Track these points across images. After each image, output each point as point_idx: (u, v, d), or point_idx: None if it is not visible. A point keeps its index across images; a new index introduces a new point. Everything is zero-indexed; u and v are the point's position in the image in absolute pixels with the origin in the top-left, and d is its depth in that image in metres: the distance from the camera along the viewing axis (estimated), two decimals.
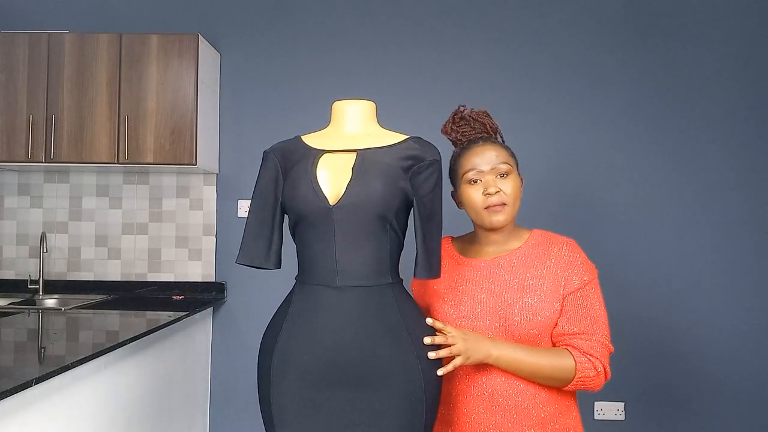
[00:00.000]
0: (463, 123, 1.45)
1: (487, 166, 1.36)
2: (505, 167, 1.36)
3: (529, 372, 1.29)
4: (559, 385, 1.31)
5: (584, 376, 1.29)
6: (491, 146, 1.39)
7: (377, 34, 3.06)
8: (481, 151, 1.38)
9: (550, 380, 1.30)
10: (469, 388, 1.35)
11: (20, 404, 1.52)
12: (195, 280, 3.07)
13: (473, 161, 1.38)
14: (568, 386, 1.31)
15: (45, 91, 2.77)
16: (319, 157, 1.33)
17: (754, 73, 2.94)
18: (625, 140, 2.96)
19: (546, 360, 1.29)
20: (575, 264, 1.36)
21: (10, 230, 3.13)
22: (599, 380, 1.31)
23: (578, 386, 1.31)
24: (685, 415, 2.90)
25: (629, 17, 2.99)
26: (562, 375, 1.29)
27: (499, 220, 1.36)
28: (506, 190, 1.35)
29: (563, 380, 1.30)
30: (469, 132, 1.45)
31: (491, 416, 1.33)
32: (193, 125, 2.76)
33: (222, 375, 3.05)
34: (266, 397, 1.30)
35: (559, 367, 1.29)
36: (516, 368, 1.29)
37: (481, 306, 1.35)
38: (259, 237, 1.37)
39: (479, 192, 1.36)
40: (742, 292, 2.91)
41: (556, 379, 1.30)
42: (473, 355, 1.27)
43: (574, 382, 1.30)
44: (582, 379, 1.30)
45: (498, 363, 1.29)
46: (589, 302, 1.34)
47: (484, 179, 1.36)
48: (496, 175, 1.36)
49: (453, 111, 1.49)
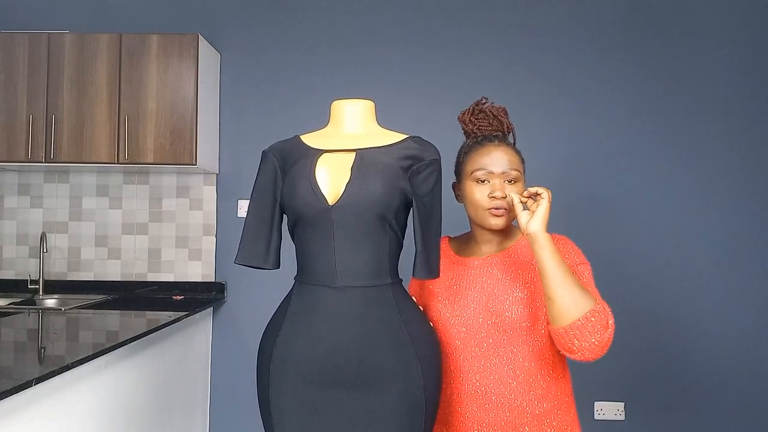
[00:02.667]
0: (482, 116, 1.44)
1: (498, 170, 1.35)
2: (515, 174, 1.36)
3: (563, 272, 1.21)
4: (570, 307, 1.20)
5: (599, 316, 1.20)
6: (505, 149, 1.38)
7: (377, 34, 3.06)
8: (495, 152, 1.37)
9: (571, 293, 1.20)
10: (462, 387, 1.35)
11: (20, 404, 1.52)
12: (195, 280, 3.07)
13: (484, 161, 1.36)
14: (577, 321, 1.19)
15: (45, 91, 2.77)
16: (318, 156, 1.33)
17: (760, 71, 2.94)
18: (627, 139, 2.96)
19: (576, 279, 1.23)
20: (567, 251, 1.35)
21: (10, 230, 3.13)
22: (604, 335, 1.20)
23: (585, 325, 1.19)
24: (685, 415, 2.90)
25: (634, 17, 2.98)
26: (582, 296, 1.20)
27: (498, 223, 1.36)
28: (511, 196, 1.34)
29: (580, 303, 1.20)
30: (486, 127, 1.43)
31: (485, 415, 1.32)
32: (193, 125, 2.76)
33: (222, 375, 3.05)
34: (265, 397, 1.30)
35: (584, 291, 1.22)
36: (555, 262, 1.22)
37: (474, 304, 1.36)
38: (258, 237, 1.37)
39: (485, 193, 1.36)
40: (742, 292, 2.90)
41: (576, 298, 1.20)
42: (544, 209, 1.27)
43: (587, 314, 1.19)
44: (595, 317, 1.19)
45: (542, 239, 1.24)
46: (587, 278, 1.32)
47: (492, 181, 1.35)
48: (505, 180, 1.36)
49: (474, 101, 1.47)
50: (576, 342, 1.21)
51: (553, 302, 1.22)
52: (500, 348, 1.33)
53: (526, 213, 1.28)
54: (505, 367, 1.32)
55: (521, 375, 1.32)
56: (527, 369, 1.32)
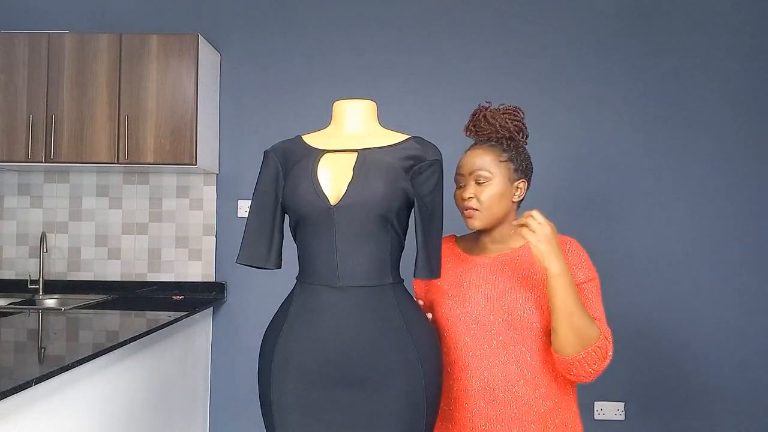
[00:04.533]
0: (483, 124, 1.46)
1: (467, 171, 1.40)
2: (484, 174, 1.38)
3: (570, 308, 1.24)
4: (574, 343, 1.25)
5: (600, 350, 1.26)
6: (483, 151, 1.40)
7: (378, 34, 3.06)
8: (471, 154, 1.42)
9: (576, 331, 1.24)
10: (470, 383, 1.35)
11: (20, 404, 1.51)
12: (195, 280, 3.07)
13: (461, 163, 1.43)
14: (578, 354, 1.25)
15: (45, 91, 2.76)
16: (319, 156, 1.33)
17: (764, 71, 2.93)
18: (627, 143, 2.96)
19: (584, 311, 1.26)
20: (579, 261, 1.37)
21: (10, 230, 3.13)
22: (602, 365, 1.28)
23: (586, 358, 1.26)
24: (685, 415, 2.90)
25: (634, 17, 2.98)
26: (587, 333, 1.25)
27: (473, 224, 1.40)
28: (480, 197, 1.38)
29: (584, 340, 1.25)
30: (492, 133, 1.44)
31: (492, 411, 1.33)
32: (193, 125, 2.75)
33: (222, 375, 3.04)
34: (267, 397, 1.30)
35: (590, 324, 1.26)
36: (565, 295, 1.24)
37: (485, 302, 1.36)
38: (260, 237, 1.37)
39: (459, 195, 1.42)
40: (742, 293, 2.90)
41: (581, 335, 1.25)
42: (552, 245, 1.23)
43: (588, 349, 1.25)
44: (595, 352, 1.26)
45: (559, 277, 1.24)
46: (594, 297, 1.36)
47: (465, 183, 1.41)
48: (474, 180, 1.39)
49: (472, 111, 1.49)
50: (574, 370, 1.29)
51: (557, 334, 1.27)
52: (510, 346, 1.34)
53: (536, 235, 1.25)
54: (513, 365, 1.33)
55: (528, 373, 1.33)
56: (534, 367, 1.33)
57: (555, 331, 1.27)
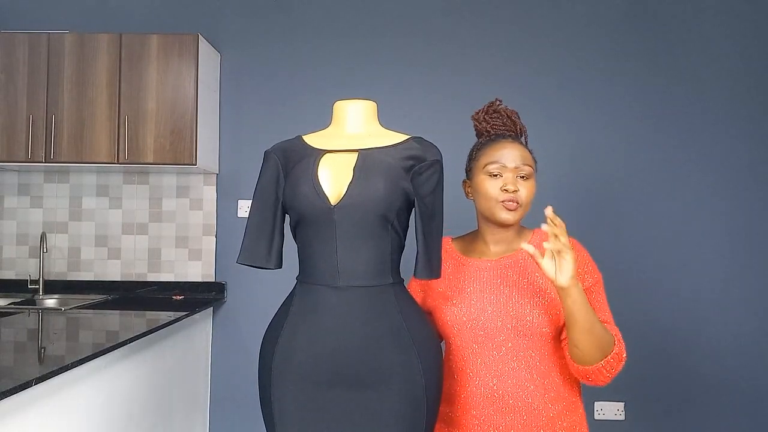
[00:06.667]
0: (497, 116, 1.45)
1: (511, 164, 1.36)
2: (528, 170, 1.37)
3: (591, 321, 1.22)
4: (595, 354, 1.24)
5: (617, 355, 1.26)
6: (519, 146, 1.39)
7: (378, 34, 3.06)
8: (509, 147, 1.38)
9: (597, 342, 1.24)
10: (478, 390, 1.34)
11: (20, 404, 1.51)
12: (195, 280, 3.07)
13: (498, 155, 1.37)
14: (598, 363, 1.25)
15: (45, 91, 2.76)
16: (320, 157, 1.33)
17: (766, 72, 2.93)
18: (635, 141, 2.95)
19: (598, 321, 1.25)
20: (585, 264, 1.36)
21: (10, 230, 3.13)
22: (619, 368, 1.27)
23: (605, 366, 1.25)
24: (685, 416, 2.90)
25: (642, 15, 2.98)
26: (605, 341, 1.25)
27: (508, 218, 1.36)
28: (523, 192, 1.35)
29: (604, 349, 1.25)
30: (500, 126, 1.44)
31: (501, 418, 1.32)
32: (193, 125, 2.75)
33: (222, 375, 3.04)
34: (267, 397, 1.30)
35: (606, 332, 1.26)
36: (584, 312, 1.22)
37: (492, 307, 1.34)
38: (260, 237, 1.37)
39: (497, 186, 1.36)
40: (742, 294, 2.90)
41: (601, 345, 1.24)
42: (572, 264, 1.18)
43: (604, 360, 1.25)
44: (614, 358, 1.26)
45: (575, 294, 1.21)
46: (601, 299, 1.36)
47: (505, 175, 1.36)
48: (517, 175, 1.36)
49: (488, 102, 1.48)
50: (592, 377, 1.28)
51: (578, 348, 1.26)
52: (519, 352, 1.32)
53: (549, 262, 1.21)
54: (523, 371, 1.32)
55: (538, 378, 1.32)
56: (543, 372, 1.32)
57: (575, 344, 1.25)
